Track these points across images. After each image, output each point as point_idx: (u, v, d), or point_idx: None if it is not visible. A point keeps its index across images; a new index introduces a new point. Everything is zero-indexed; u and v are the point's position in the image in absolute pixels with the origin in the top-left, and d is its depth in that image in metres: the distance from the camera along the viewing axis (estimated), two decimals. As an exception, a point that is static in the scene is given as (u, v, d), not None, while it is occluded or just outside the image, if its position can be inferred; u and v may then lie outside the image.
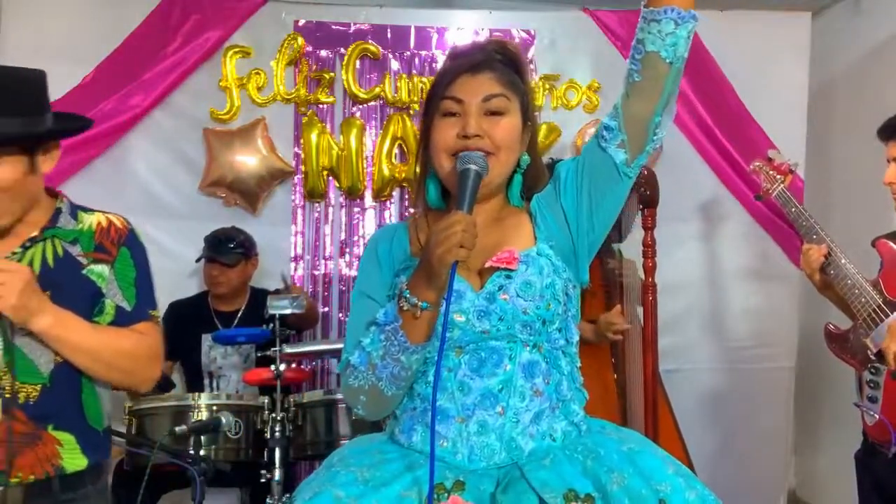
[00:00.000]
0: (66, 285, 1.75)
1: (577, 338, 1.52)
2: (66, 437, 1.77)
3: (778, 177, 2.89)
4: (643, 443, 1.50)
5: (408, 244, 1.58)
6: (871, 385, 2.41)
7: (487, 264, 1.44)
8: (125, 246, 1.85)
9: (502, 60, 1.53)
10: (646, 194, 3.00)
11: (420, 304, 1.37)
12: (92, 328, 1.78)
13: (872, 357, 2.42)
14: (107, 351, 1.78)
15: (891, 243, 2.48)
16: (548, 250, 1.49)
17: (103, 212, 1.90)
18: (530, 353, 1.45)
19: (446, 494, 1.34)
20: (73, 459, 1.78)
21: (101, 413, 1.87)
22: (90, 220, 1.85)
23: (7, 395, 1.70)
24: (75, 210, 1.87)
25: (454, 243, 1.31)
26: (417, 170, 1.61)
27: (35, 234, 1.78)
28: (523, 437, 1.42)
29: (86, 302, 1.78)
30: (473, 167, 1.41)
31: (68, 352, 1.74)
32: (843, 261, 2.54)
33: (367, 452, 1.48)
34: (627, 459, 1.39)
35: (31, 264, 1.75)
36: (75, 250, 1.80)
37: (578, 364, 1.54)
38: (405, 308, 1.38)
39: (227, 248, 3.55)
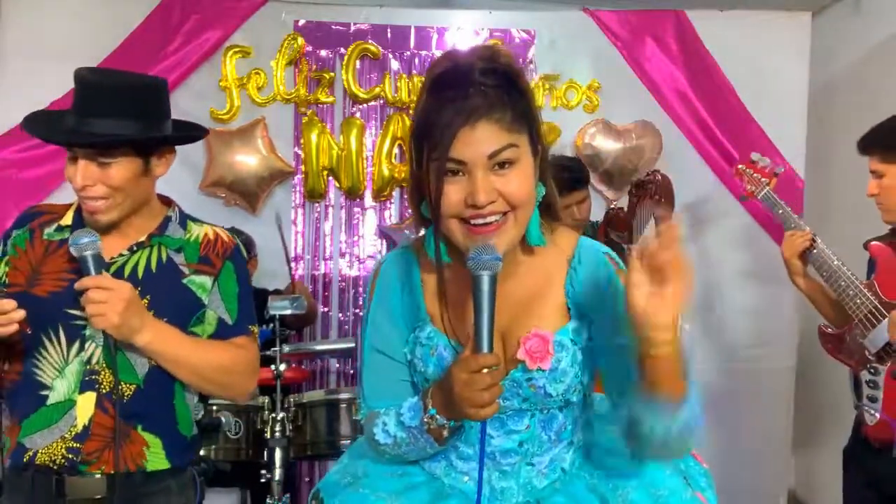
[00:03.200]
0: (164, 293, 1.79)
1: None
2: (154, 440, 1.81)
3: (763, 179, 2.88)
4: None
5: (421, 295, 1.45)
6: (871, 385, 2.42)
7: (518, 355, 1.34)
8: (230, 260, 1.89)
9: (495, 85, 1.28)
10: (659, 201, 2.97)
11: (448, 423, 1.33)
12: (192, 343, 1.81)
13: (871, 357, 2.43)
14: (206, 366, 1.82)
15: (886, 246, 2.50)
16: (582, 331, 1.39)
17: (212, 224, 1.95)
18: (550, 412, 1.43)
19: None
20: (157, 462, 1.81)
21: (191, 419, 1.91)
22: (198, 231, 1.90)
23: (104, 391, 1.75)
24: (185, 220, 1.92)
25: (481, 404, 1.24)
26: (412, 197, 1.41)
27: (142, 239, 1.83)
28: (538, 478, 1.44)
29: (183, 310, 1.82)
30: (486, 274, 1.24)
31: (168, 364, 1.78)
32: (835, 262, 2.55)
33: (394, 474, 1.46)
34: (630, 470, 1.41)
35: (135, 268, 1.80)
36: (179, 259, 1.84)
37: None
38: (432, 425, 1.34)
39: None
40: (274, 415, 2.81)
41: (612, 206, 3.28)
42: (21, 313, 1.65)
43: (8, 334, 1.66)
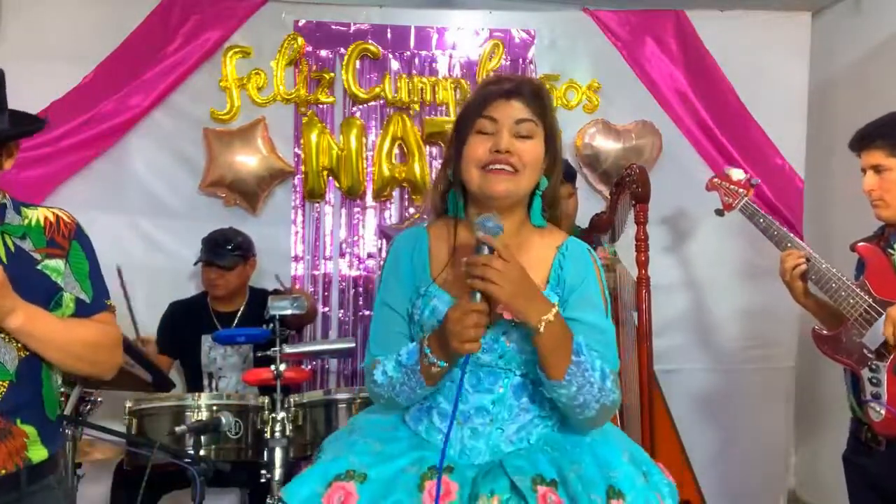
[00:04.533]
0: (22, 280, 1.75)
1: None
2: (31, 430, 1.80)
3: (740, 190, 2.88)
4: (608, 434, 1.73)
5: (427, 261, 1.74)
6: (874, 382, 2.42)
7: (499, 309, 1.57)
8: (75, 240, 1.88)
9: (529, 89, 1.69)
10: (637, 191, 3.02)
11: (438, 362, 1.59)
12: (60, 322, 1.81)
13: (870, 355, 2.42)
14: (75, 343, 1.82)
15: (873, 246, 2.50)
16: (554, 298, 1.65)
17: (46, 206, 1.92)
18: (521, 379, 1.68)
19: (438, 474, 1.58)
20: (37, 451, 1.80)
21: (56, 403, 1.90)
22: (35, 215, 1.87)
23: None
24: (18, 206, 1.88)
25: (467, 339, 1.51)
26: (439, 183, 1.79)
27: None
28: (505, 443, 1.67)
29: (42, 296, 1.80)
30: (485, 247, 1.54)
31: (40, 347, 1.77)
32: (823, 265, 2.55)
33: (383, 426, 1.74)
34: (588, 450, 1.64)
35: None
36: (27, 245, 1.82)
37: None
38: (425, 362, 1.60)
39: (225, 251, 3.54)
40: (274, 415, 2.81)
41: (596, 214, 3.35)
42: None
43: None
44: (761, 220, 2.77)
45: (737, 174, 2.95)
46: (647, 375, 2.89)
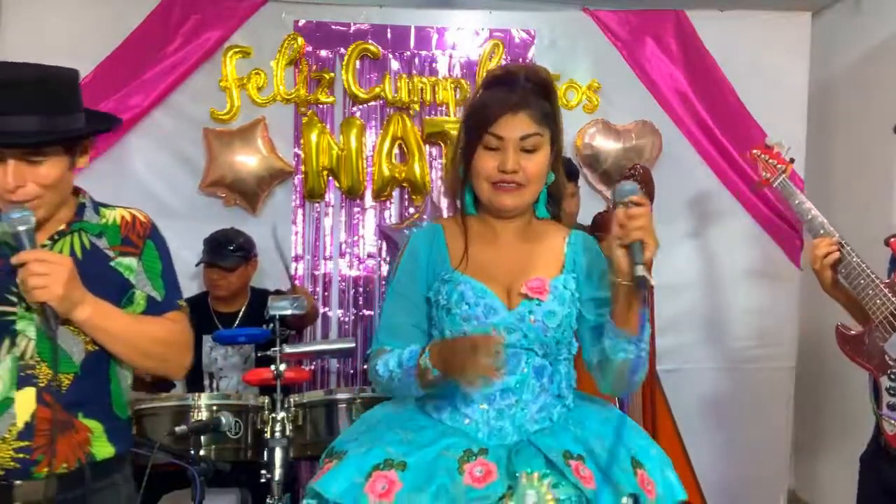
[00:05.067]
0: (95, 277, 1.76)
1: (576, 348, 1.83)
2: (95, 425, 1.80)
3: (779, 166, 2.71)
4: (615, 412, 1.84)
5: (446, 252, 1.82)
6: (891, 392, 2.29)
7: (522, 290, 1.73)
8: (150, 239, 1.90)
9: (534, 90, 1.76)
10: (641, 191, 3.02)
11: (433, 370, 1.65)
12: (128, 317, 1.81)
13: (891, 363, 2.31)
14: (143, 339, 1.82)
15: None
16: (571, 282, 1.78)
17: (124, 207, 1.94)
18: (541, 360, 1.76)
19: (474, 457, 1.64)
20: (102, 447, 1.80)
21: (125, 402, 1.90)
22: (113, 215, 1.89)
23: (42, 385, 1.73)
24: (97, 206, 1.90)
25: (471, 379, 1.59)
26: (450, 182, 1.89)
27: (62, 227, 1.81)
28: (530, 423, 1.74)
29: (115, 293, 1.81)
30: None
31: (107, 340, 1.77)
32: (855, 258, 2.41)
33: (402, 419, 1.79)
34: (608, 425, 1.74)
35: None
36: (102, 243, 1.84)
37: (573, 369, 1.85)
38: (421, 366, 1.67)
39: (227, 252, 3.54)
40: (274, 415, 2.81)
41: (598, 213, 3.35)
42: None
43: None
44: (797, 202, 2.60)
45: (778, 146, 2.77)
46: (649, 375, 2.89)
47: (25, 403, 1.72)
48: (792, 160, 2.76)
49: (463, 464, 1.62)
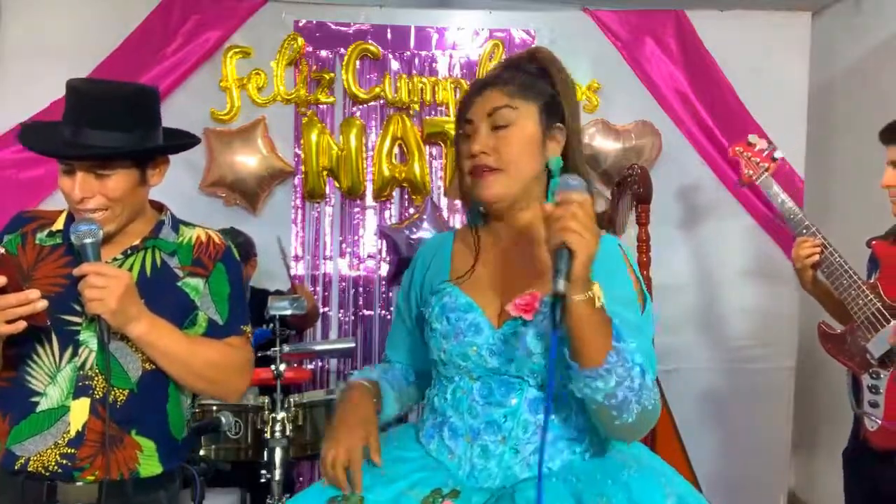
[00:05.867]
0: (159, 295, 1.78)
1: None
2: (147, 444, 1.80)
3: (762, 164, 2.73)
4: (651, 470, 1.46)
5: (449, 262, 1.63)
6: (873, 390, 2.36)
7: (507, 307, 1.45)
8: (221, 262, 1.89)
9: (527, 69, 1.56)
10: (639, 191, 3.02)
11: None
12: (184, 337, 1.81)
13: (873, 362, 2.37)
14: (197, 360, 1.81)
15: (888, 244, 2.44)
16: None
17: (203, 227, 1.95)
18: (536, 391, 1.46)
19: (440, 499, 1.42)
20: (150, 466, 1.81)
21: (183, 423, 1.91)
22: (190, 234, 1.90)
23: (98, 397, 1.74)
24: (177, 224, 1.91)
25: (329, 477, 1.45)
26: (455, 190, 1.77)
27: (136, 243, 1.82)
28: (520, 467, 1.46)
29: (178, 312, 1.81)
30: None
31: (160, 358, 1.77)
32: (838, 259, 2.47)
33: (395, 443, 1.58)
34: (623, 487, 1.37)
35: (129, 272, 1.78)
36: (173, 262, 1.84)
37: None
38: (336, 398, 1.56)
39: None
40: (274, 415, 2.81)
41: (598, 212, 3.33)
42: (44, 303, 1.64)
43: (31, 316, 1.64)
44: (780, 200, 2.63)
45: (759, 143, 2.76)
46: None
47: (79, 413, 1.74)
48: (774, 159, 2.75)
49: None
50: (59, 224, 1.84)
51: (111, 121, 1.71)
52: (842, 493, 2.66)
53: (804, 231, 2.56)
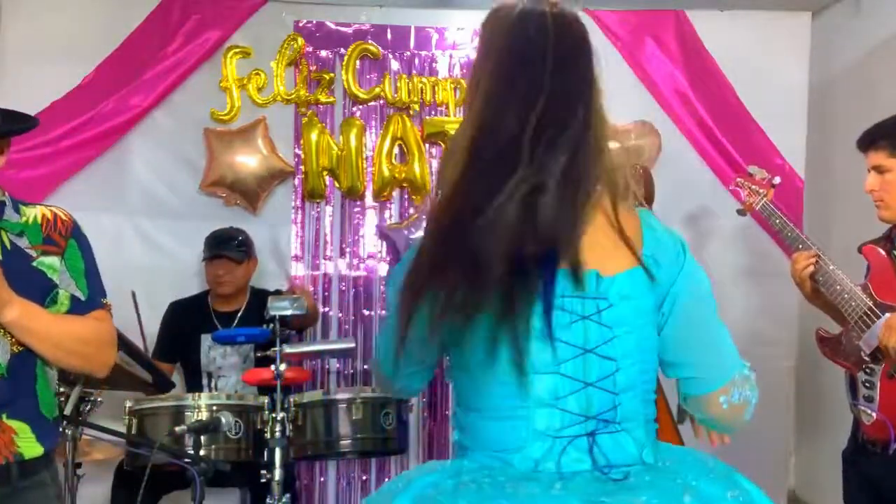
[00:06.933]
0: (17, 277, 1.76)
1: None
2: (21, 426, 1.80)
3: (761, 190, 2.90)
4: (701, 469, 1.39)
5: None
6: (867, 385, 2.43)
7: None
8: (72, 238, 1.89)
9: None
10: (641, 192, 3.01)
11: None
12: (54, 318, 1.82)
13: (866, 358, 2.44)
14: (69, 339, 1.83)
15: (878, 248, 2.51)
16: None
17: (44, 204, 1.93)
18: None
19: None
20: (29, 448, 1.81)
21: (53, 402, 1.91)
22: (34, 213, 1.88)
23: None
24: (17, 204, 1.89)
25: None
26: None
27: None
28: None
29: (37, 293, 1.81)
30: None
31: (33, 341, 1.78)
32: (831, 266, 2.56)
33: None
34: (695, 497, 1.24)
35: None
36: (23, 242, 1.83)
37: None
38: None
39: (233, 246, 3.56)
40: (274, 415, 2.81)
41: None
42: None
43: None
44: (777, 222, 2.78)
45: (759, 173, 2.95)
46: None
47: None
48: (773, 185, 2.93)
49: None
50: None
51: None
52: (842, 492, 2.66)
53: (800, 247, 2.67)
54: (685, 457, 1.40)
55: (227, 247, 3.54)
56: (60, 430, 2.01)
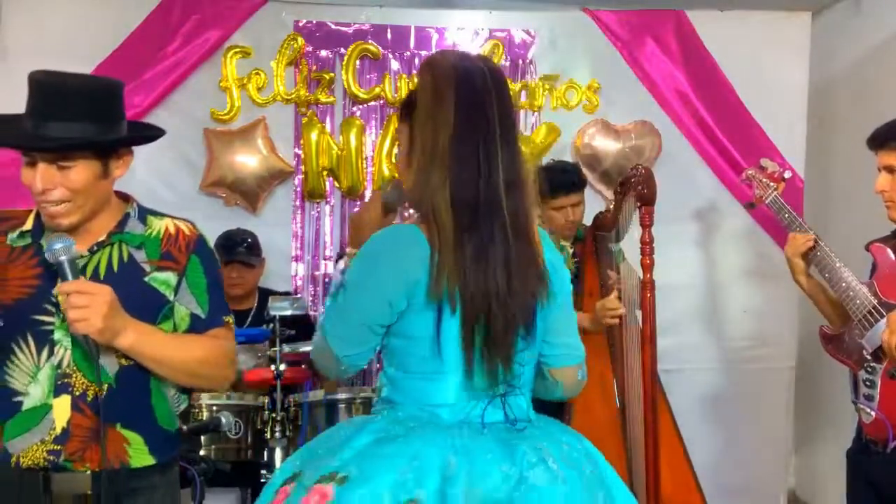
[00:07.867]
0: (128, 293, 1.77)
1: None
2: (134, 437, 1.81)
3: (771, 184, 2.88)
4: (558, 426, 1.73)
5: None
6: (868, 384, 2.43)
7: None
8: (195, 254, 1.88)
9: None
10: (643, 192, 3.00)
11: None
12: (171, 339, 1.83)
13: (868, 357, 2.43)
14: (187, 361, 1.83)
15: (886, 248, 2.50)
16: None
17: (172, 217, 1.94)
18: None
19: None
20: (140, 458, 1.82)
21: (172, 415, 1.91)
22: (159, 226, 1.89)
23: (77, 393, 1.76)
24: (144, 214, 1.90)
25: None
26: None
27: (102, 238, 1.82)
28: None
29: (149, 310, 1.81)
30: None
31: (150, 364, 1.79)
32: (837, 263, 2.55)
33: None
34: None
35: (96, 269, 1.79)
36: (140, 256, 1.84)
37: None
38: None
39: (247, 250, 3.56)
40: (274, 415, 2.81)
41: (600, 212, 3.32)
42: None
43: None
44: (786, 215, 2.77)
45: (771, 166, 2.93)
46: (650, 378, 2.88)
47: (62, 410, 1.76)
48: (784, 179, 2.91)
49: None
50: (29, 224, 1.84)
51: (72, 112, 1.71)
52: (842, 492, 2.67)
53: (797, 229, 2.70)
54: (546, 418, 1.72)
55: (239, 251, 3.54)
56: (180, 441, 2.03)
